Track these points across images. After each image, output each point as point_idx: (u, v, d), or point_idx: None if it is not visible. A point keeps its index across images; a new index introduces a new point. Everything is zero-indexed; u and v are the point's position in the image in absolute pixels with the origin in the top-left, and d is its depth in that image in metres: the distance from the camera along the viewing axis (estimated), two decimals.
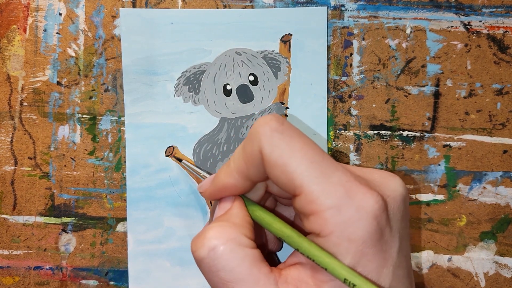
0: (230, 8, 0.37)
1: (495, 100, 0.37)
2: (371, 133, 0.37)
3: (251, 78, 0.37)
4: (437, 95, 0.37)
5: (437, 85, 0.37)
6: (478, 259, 0.37)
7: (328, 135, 0.37)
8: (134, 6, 0.37)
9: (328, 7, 0.37)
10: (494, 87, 0.37)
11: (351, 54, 0.37)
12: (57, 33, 0.37)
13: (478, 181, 0.37)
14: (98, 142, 0.37)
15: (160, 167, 0.37)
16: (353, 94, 0.37)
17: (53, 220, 0.37)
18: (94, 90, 0.37)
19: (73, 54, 0.37)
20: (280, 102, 0.37)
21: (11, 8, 0.37)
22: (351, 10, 0.37)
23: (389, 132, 0.37)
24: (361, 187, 0.22)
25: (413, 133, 0.37)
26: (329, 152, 0.37)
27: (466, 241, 0.37)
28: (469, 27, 0.37)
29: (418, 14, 0.37)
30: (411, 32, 0.37)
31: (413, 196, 0.37)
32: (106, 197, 0.37)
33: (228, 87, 0.37)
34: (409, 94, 0.37)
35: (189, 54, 0.37)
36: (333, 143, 0.37)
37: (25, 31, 0.37)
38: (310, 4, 0.37)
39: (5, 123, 0.37)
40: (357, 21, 0.37)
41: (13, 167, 0.37)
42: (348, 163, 0.37)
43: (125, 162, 0.37)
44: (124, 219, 0.37)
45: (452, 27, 0.37)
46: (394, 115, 0.37)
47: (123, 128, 0.37)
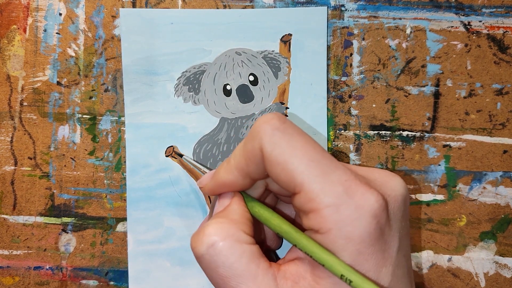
0: (230, 8, 0.37)
1: (495, 100, 0.37)
2: (371, 133, 0.37)
3: (251, 78, 0.37)
4: (437, 95, 0.37)
5: (437, 85, 0.37)
6: (478, 259, 0.37)
7: (328, 135, 0.37)
8: (134, 6, 0.37)
9: (328, 7, 0.37)
10: (494, 87, 0.37)
11: (351, 54, 0.37)
12: (57, 33, 0.37)
13: (478, 181, 0.37)
14: (98, 142, 0.37)
15: (160, 167, 0.37)
16: (353, 94, 0.37)
17: (53, 220, 0.37)
18: (94, 90, 0.37)
19: (73, 54, 0.37)
20: (280, 102, 0.37)
21: (11, 8, 0.37)
22: (351, 10, 0.37)
23: (389, 132, 0.37)
24: (361, 186, 0.22)
25: (413, 133, 0.37)
26: (329, 152, 0.37)
27: (466, 241, 0.37)
28: (469, 27, 0.37)
29: (418, 14, 0.37)
30: (411, 32, 0.37)
31: (413, 196, 0.37)
32: (106, 197, 0.37)
33: (228, 87, 0.37)
34: (409, 94, 0.37)
35: (189, 54, 0.37)
36: (333, 143, 0.37)
37: (25, 31, 0.37)
38: (310, 4, 0.37)
39: (5, 123, 0.37)
40: (357, 21, 0.37)
41: (13, 167, 0.37)
42: (348, 163, 0.37)
43: (125, 162, 0.37)
44: (124, 219, 0.37)
45: (452, 27, 0.37)
46: (394, 115, 0.37)
47: (123, 128, 0.37)
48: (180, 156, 0.36)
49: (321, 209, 0.22)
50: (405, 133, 0.37)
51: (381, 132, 0.37)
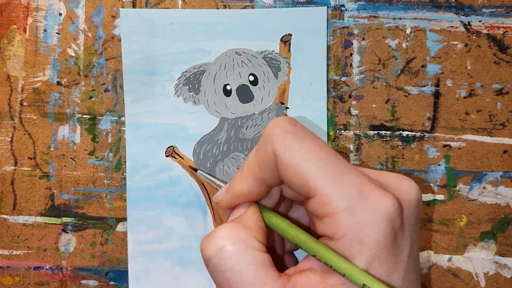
0: (230, 8, 0.37)
1: (495, 100, 0.37)
2: (371, 133, 0.37)
3: (251, 78, 0.37)
4: (437, 95, 0.37)
5: (437, 85, 0.37)
6: (478, 259, 0.37)
7: (328, 135, 0.37)
8: (134, 6, 0.37)
9: (328, 7, 0.37)
10: (494, 87, 0.37)
11: (351, 54, 0.37)
12: (57, 33, 0.37)
13: (478, 181, 0.37)
14: (98, 142, 0.37)
15: (160, 167, 0.37)
16: (353, 94, 0.37)
17: (53, 220, 0.37)
18: (94, 90, 0.37)
19: (73, 54, 0.37)
20: (280, 102, 0.37)
21: (11, 8, 0.37)
22: (351, 10, 0.37)
23: (389, 132, 0.37)
24: (376, 189, 0.22)
25: (413, 133, 0.37)
26: None
27: (466, 241, 0.37)
28: (469, 27, 0.37)
29: (418, 14, 0.37)
30: (411, 32, 0.37)
31: None
32: (106, 197, 0.37)
33: (228, 87, 0.37)
34: (409, 94, 0.37)
35: (189, 54, 0.37)
36: (333, 143, 0.37)
37: (25, 31, 0.37)
38: (310, 4, 0.37)
39: (5, 123, 0.37)
40: (357, 21, 0.37)
41: (13, 167, 0.37)
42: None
43: (125, 162, 0.37)
44: (124, 219, 0.37)
45: (452, 27, 0.37)
46: (394, 115, 0.37)
47: (123, 128, 0.37)
48: (195, 170, 0.35)
49: (336, 213, 0.21)
50: (405, 133, 0.37)
51: (381, 132, 0.37)
